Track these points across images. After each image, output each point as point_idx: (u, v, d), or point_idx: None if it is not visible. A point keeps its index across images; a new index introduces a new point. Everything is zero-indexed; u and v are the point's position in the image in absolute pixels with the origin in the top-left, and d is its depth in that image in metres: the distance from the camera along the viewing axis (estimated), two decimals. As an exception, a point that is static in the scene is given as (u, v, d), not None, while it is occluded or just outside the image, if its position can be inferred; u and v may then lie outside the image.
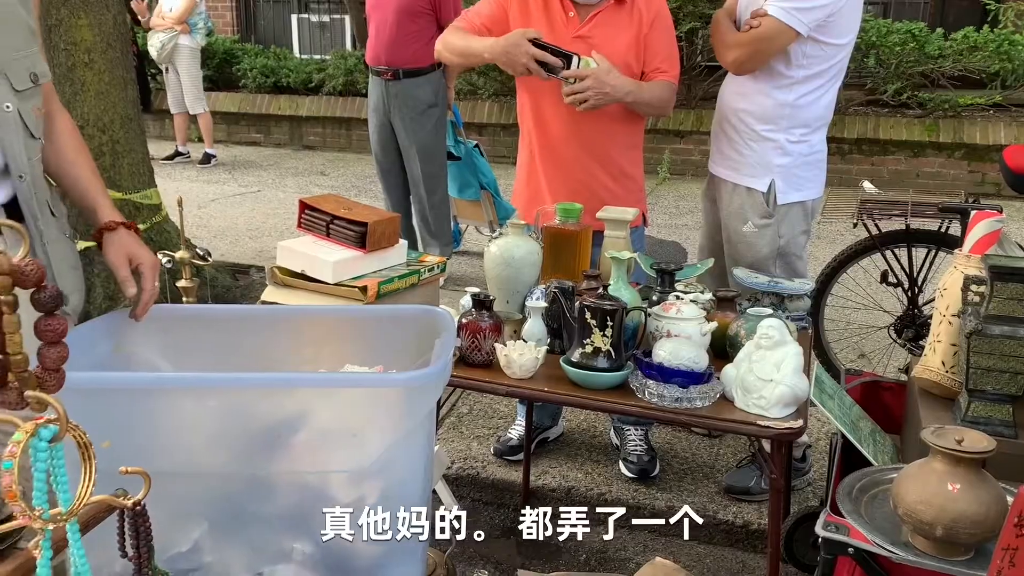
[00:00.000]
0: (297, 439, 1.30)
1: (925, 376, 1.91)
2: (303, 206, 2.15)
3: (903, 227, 3.13)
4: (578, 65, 2.29)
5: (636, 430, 2.83)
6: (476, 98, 7.98)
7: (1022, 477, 1.53)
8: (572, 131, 2.45)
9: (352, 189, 6.83)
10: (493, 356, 1.90)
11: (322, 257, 2.02)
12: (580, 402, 1.83)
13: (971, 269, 1.83)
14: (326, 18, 9.79)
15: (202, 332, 1.66)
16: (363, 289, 1.97)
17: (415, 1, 4.13)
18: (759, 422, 1.69)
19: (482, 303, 1.94)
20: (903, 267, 3.24)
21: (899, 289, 3.27)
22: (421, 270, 2.13)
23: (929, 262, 3.21)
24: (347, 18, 9.28)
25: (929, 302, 3.24)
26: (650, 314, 1.89)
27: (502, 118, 7.78)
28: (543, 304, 1.96)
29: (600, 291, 1.95)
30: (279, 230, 5.66)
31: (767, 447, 1.87)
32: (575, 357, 1.81)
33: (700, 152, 7.35)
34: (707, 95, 7.23)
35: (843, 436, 1.88)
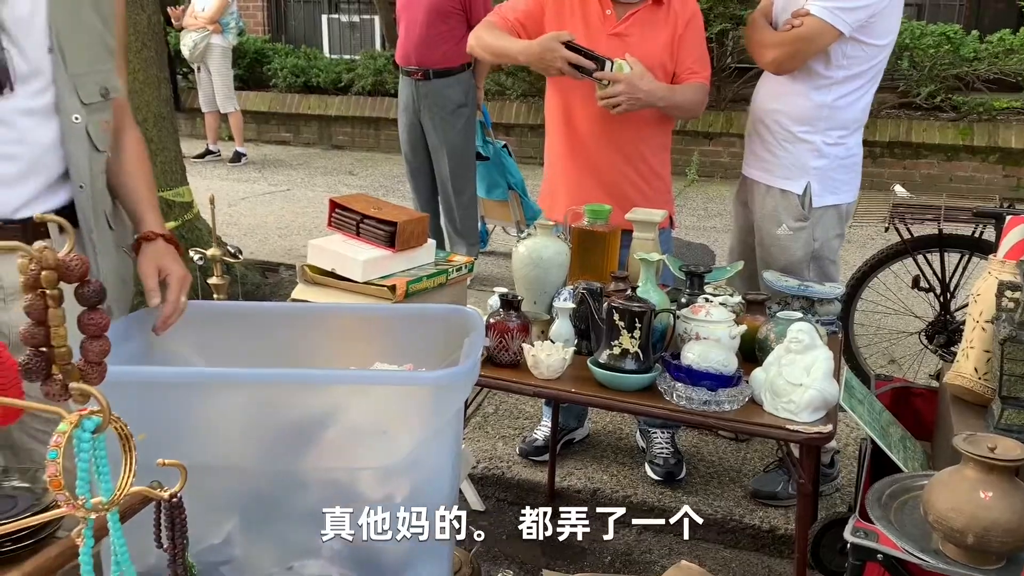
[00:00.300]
0: (327, 435, 1.31)
1: (957, 383, 1.89)
2: (333, 205, 2.17)
3: (936, 232, 3.10)
4: (611, 69, 2.29)
5: (662, 433, 2.82)
6: (504, 98, 7.99)
7: (1056, 486, 1.50)
8: (603, 131, 2.45)
9: (380, 189, 6.86)
10: (520, 356, 1.90)
11: (352, 256, 2.04)
12: (607, 403, 1.83)
13: (1005, 275, 1.81)
14: (356, 18, 9.85)
15: (233, 328, 1.68)
16: (392, 288, 1.98)
17: (446, 1, 4.15)
18: (788, 426, 1.68)
19: (510, 303, 1.95)
20: (935, 272, 3.20)
21: (931, 294, 3.23)
22: (449, 270, 2.14)
23: (962, 267, 3.17)
24: (377, 18, 9.33)
25: (961, 308, 3.20)
26: (679, 316, 1.88)
27: (530, 119, 7.79)
28: (571, 305, 1.96)
29: (628, 293, 1.95)
30: (308, 228, 5.71)
31: (795, 452, 1.86)
32: (603, 358, 1.81)
33: (729, 154, 7.31)
34: (737, 97, 7.19)
35: (872, 442, 1.87)
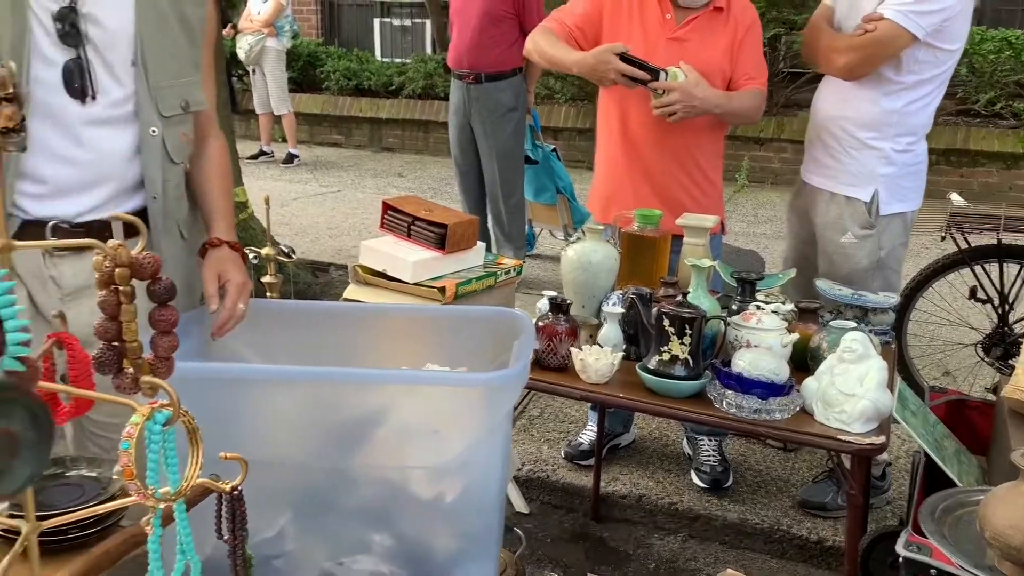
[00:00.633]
0: (380, 434, 1.34)
1: (1015, 396, 1.85)
2: (386, 207, 2.20)
3: (995, 242, 3.03)
4: (665, 78, 2.29)
5: (710, 440, 2.80)
6: (553, 102, 8.00)
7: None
8: (657, 137, 2.45)
9: (428, 191, 6.92)
10: (568, 360, 1.91)
11: (403, 257, 2.06)
12: (657, 409, 1.83)
13: (1069, 287, 1.77)
14: (407, 22, 9.95)
15: (287, 326, 1.71)
16: (441, 290, 2.00)
17: (499, 6, 4.17)
18: (840, 436, 1.66)
19: (559, 307, 1.95)
20: (993, 283, 3.13)
21: (988, 306, 3.16)
22: (498, 272, 2.16)
23: (1022, 279, 3.10)
24: (428, 22, 9.43)
25: (1020, 320, 3.13)
26: (729, 323, 1.87)
27: (578, 122, 7.79)
28: (620, 310, 1.96)
29: (679, 298, 1.94)
30: (358, 229, 5.78)
31: (846, 463, 1.84)
32: (652, 364, 1.81)
33: (780, 160, 7.22)
34: (789, 102, 7.10)
35: (926, 455, 1.83)
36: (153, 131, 1.53)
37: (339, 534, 1.37)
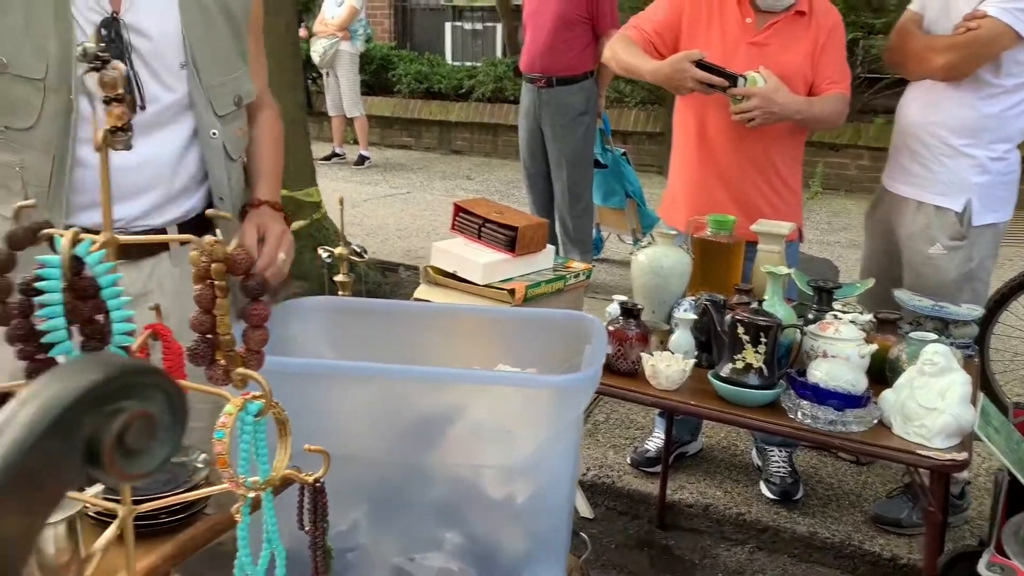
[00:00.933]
0: (453, 431, 1.35)
1: (1107, 416, 1.77)
2: (457, 209, 2.22)
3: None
4: (744, 84, 2.27)
5: (780, 451, 2.75)
6: (623, 106, 7.96)
7: None
8: (736, 142, 2.42)
9: (496, 194, 6.96)
10: (639, 366, 1.89)
11: (473, 259, 2.08)
12: (729, 418, 1.80)
13: None
14: (479, 26, 10.04)
15: (361, 324, 1.74)
16: (511, 292, 2.02)
17: (573, 10, 4.17)
18: (919, 451, 1.61)
19: (630, 311, 1.94)
20: (1082, 298, 3.01)
21: (1077, 321, 3.04)
22: (567, 276, 2.16)
23: (1114, 294, 2.97)
24: (499, 26, 9.48)
25: (1112, 337, 3.00)
26: (806, 332, 1.84)
27: (648, 126, 7.73)
28: (692, 316, 1.94)
29: (754, 306, 1.92)
30: (426, 231, 5.85)
31: (924, 479, 1.79)
32: (724, 372, 1.78)
33: (856, 167, 7.05)
34: (866, 107, 6.93)
35: (1010, 474, 1.77)
36: (214, 133, 1.53)
37: (411, 530, 1.38)
